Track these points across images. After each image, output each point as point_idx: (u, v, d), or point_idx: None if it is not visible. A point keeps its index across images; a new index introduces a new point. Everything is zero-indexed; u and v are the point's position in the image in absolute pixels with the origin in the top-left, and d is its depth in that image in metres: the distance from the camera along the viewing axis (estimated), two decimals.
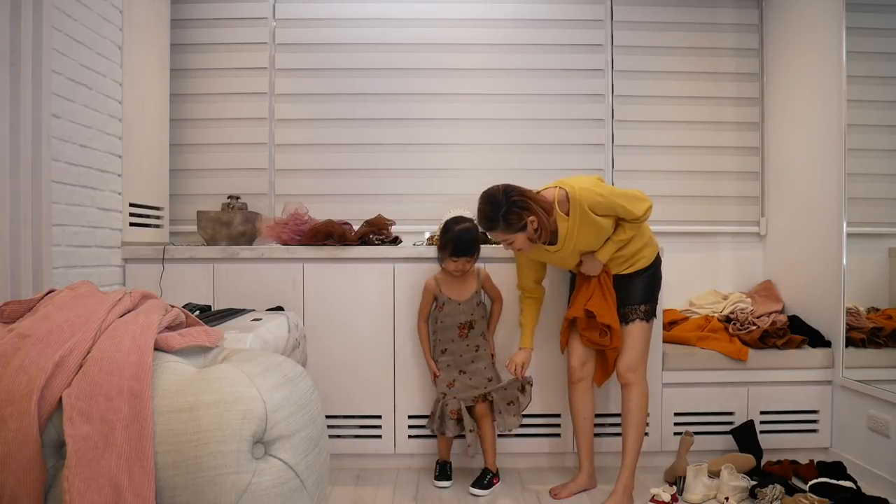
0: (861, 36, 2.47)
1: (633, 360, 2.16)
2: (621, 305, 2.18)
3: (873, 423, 2.32)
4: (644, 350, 2.18)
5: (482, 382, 2.32)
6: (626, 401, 2.18)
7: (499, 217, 1.96)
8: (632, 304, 2.18)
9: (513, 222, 1.96)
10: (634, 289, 2.18)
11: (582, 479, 2.28)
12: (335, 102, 3.05)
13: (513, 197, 1.95)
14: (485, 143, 3.07)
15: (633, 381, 2.16)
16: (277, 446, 1.05)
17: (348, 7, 3.04)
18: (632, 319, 2.17)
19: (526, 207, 1.96)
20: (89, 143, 2.15)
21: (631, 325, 2.17)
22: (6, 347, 1.03)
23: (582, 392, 2.27)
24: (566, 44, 3.07)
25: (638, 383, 2.16)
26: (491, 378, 2.34)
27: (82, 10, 2.10)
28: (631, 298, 2.18)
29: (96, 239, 2.23)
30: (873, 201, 2.52)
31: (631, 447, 2.17)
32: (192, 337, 1.20)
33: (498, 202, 1.96)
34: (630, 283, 2.18)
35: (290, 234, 2.52)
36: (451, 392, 2.31)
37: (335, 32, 3.05)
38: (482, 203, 2.01)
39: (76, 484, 0.93)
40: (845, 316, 2.48)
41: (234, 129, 3.03)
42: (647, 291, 2.19)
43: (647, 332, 2.18)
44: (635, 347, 2.17)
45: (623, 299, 2.18)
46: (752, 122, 3.12)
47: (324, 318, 2.45)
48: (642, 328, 2.17)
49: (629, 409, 2.17)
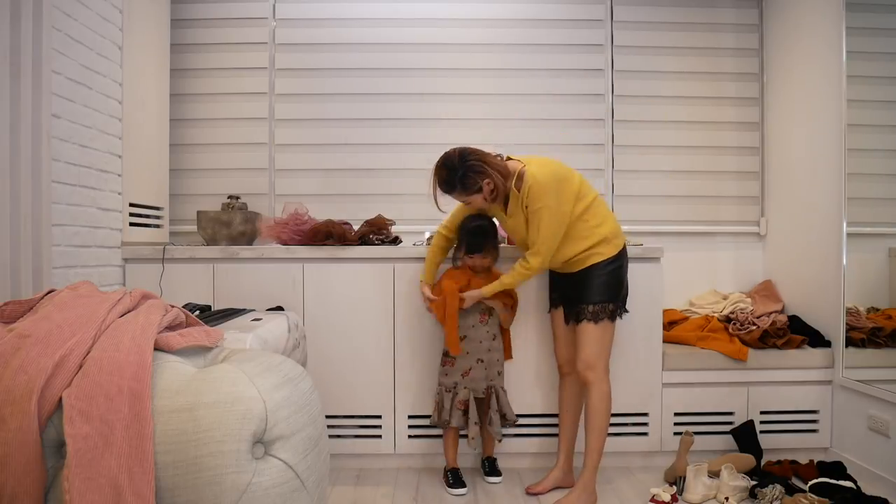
0: (861, 36, 2.47)
1: (587, 358, 2.11)
2: (575, 302, 2.15)
3: (873, 423, 2.32)
4: (599, 349, 2.11)
5: (494, 374, 2.30)
6: (585, 400, 2.16)
7: (455, 181, 2.04)
8: (583, 302, 2.12)
9: (469, 185, 2.04)
10: (587, 286, 2.11)
11: (555, 474, 2.27)
12: (335, 102, 3.05)
13: (468, 161, 2.02)
14: (485, 143, 3.04)
15: (589, 380, 2.11)
16: (277, 446, 1.05)
17: (348, 7, 3.04)
18: (580, 319, 2.13)
19: (481, 171, 2.02)
20: (89, 143, 2.15)
21: (581, 325, 2.12)
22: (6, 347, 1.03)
23: (567, 386, 2.29)
24: (566, 44, 3.07)
25: (595, 382, 2.11)
26: (500, 372, 2.32)
27: (82, 10, 2.10)
28: (582, 296, 2.12)
29: (96, 239, 2.23)
30: (873, 201, 2.51)
31: (590, 447, 2.12)
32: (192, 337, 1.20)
33: (454, 166, 2.04)
34: (584, 279, 2.12)
35: (290, 234, 2.52)
36: (464, 381, 2.26)
37: (335, 32, 3.05)
38: (439, 167, 2.08)
39: (76, 484, 0.93)
40: (845, 316, 2.48)
41: (234, 129, 3.03)
42: (602, 290, 2.11)
43: (597, 332, 2.10)
44: (587, 346, 2.11)
45: (576, 296, 2.14)
46: (752, 122, 3.12)
47: (324, 318, 2.45)
48: (590, 328, 2.10)
49: (587, 409, 2.15)
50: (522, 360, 2.47)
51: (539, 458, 2.52)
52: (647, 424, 2.52)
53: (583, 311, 2.12)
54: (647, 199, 3.10)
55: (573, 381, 2.27)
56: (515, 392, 2.45)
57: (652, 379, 2.49)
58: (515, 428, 2.45)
